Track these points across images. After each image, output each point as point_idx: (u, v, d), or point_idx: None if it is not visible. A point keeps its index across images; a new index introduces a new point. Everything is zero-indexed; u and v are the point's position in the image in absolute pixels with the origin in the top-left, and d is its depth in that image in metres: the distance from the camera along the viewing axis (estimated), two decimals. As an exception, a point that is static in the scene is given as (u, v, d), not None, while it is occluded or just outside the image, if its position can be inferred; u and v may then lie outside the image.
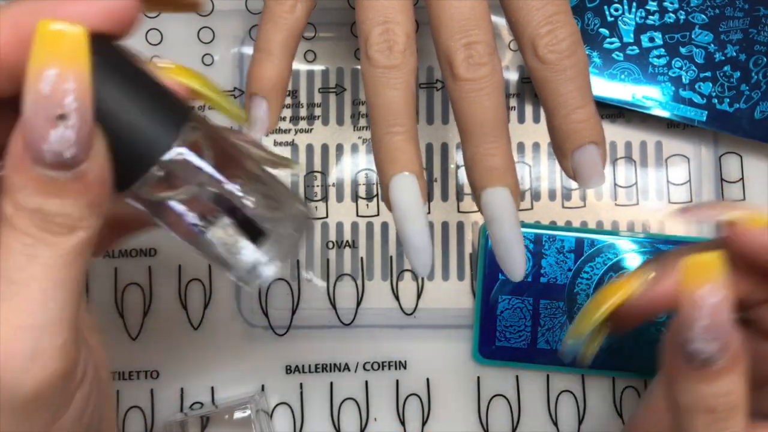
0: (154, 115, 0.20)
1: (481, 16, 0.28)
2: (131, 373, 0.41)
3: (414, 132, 0.29)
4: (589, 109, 0.29)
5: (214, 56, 0.42)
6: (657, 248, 0.40)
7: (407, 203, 0.28)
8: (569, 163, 0.29)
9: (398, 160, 0.28)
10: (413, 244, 0.28)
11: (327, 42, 0.42)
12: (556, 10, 0.28)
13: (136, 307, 0.41)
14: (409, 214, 0.28)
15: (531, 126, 0.42)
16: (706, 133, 0.42)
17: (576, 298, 0.40)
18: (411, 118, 0.29)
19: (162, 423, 0.41)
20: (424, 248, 0.28)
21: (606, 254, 0.40)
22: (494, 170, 0.28)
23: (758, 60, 0.40)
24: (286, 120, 0.42)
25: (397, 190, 0.28)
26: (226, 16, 0.42)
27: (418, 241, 0.28)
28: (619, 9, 0.41)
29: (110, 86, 0.20)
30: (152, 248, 0.41)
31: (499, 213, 0.28)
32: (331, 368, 0.41)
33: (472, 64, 0.28)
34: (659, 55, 0.40)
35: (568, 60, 0.28)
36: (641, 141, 0.42)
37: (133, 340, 0.41)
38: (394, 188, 0.28)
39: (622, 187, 0.42)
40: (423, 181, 0.29)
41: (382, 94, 0.28)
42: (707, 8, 0.40)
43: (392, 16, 0.29)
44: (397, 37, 0.28)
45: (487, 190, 0.28)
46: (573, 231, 0.41)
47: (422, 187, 0.29)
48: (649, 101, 0.40)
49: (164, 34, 0.42)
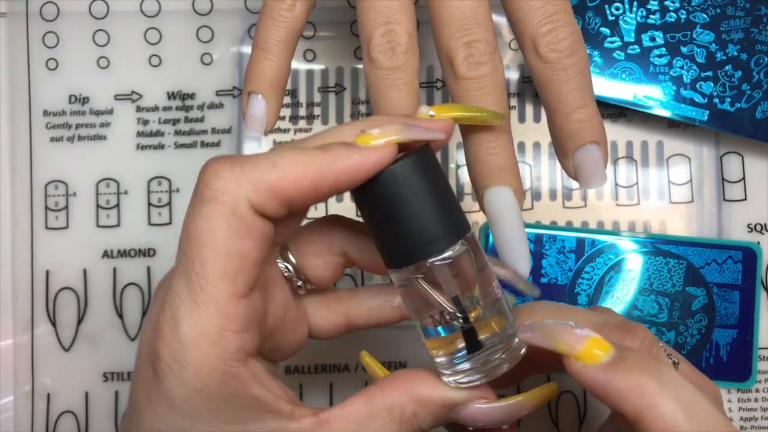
0: (444, 219, 0.24)
1: (482, 15, 0.28)
2: (130, 374, 0.41)
3: None
4: (590, 108, 0.28)
5: (213, 55, 0.42)
6: (658, 248, 0.40)
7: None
8: (570, 163, 0.29)
9: None
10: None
11: (326, 41, 0.42)
12: (556, 9, 0.28)
13: (135, 307, 0.41)
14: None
15: (532, 125, 0.42)
16: (708, 132, 0.42)
17: (577, 298, 0.40)
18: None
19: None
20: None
21: (607, 254, 0.40)
22: (497, 169, 0.28)
23: (759, 59, 0.40)
24: (285, 119, 0.42)
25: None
26: (225, 15, 0.42)
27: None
28: (620, 8, 0.40)
29: (422, 184, 0.24)
30: (151, 248, 0.41)
31: (502, 212, 0.28)
32: (330, 368, 0.41)
33: (473, 62, 0.28)
34: (660, 55, 0.40)
35: (569, 59, 0.28)
36: (642, 140, 0.42)
37: (132, 341, 0.41)
38: None
39: (623, 186, 0.42)
40: None
41: (387, 96, 0.29)
42: (708, 7, 0.40)
43: (394, 16, 0.29)
44: (399, 38, 0.28)
45: (489, 189, 0.28)
46: (574, 231, 0.40)
47: None
48: (651, 101, 0.40)
49: (163, 33, 0.42)
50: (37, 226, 0.41)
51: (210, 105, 0.42)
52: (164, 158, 0.41)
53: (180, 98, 0.42)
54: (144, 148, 0.41)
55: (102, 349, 0.41)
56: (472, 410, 0.26)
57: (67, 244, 0.41)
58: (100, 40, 0.42)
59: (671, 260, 0.40)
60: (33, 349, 0.40)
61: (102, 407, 0.40)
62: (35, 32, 0.41)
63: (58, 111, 0.41)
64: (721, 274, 0.40)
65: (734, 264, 0.40)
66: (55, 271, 0.41)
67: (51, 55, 0.41)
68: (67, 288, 0.41)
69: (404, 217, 0.24)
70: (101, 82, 0.41)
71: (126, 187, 0.41)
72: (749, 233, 0.42)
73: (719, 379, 0.40)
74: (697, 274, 0.40)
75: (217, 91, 0.42)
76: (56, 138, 0.41)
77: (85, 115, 0.41)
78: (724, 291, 0.40)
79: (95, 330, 0.41)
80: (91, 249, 0.41)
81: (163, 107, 0.41)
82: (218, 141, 0.41)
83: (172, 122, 0.41)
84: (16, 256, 0.41)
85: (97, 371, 0.41)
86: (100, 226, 0.41)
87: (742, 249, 0.40)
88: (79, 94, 0.41)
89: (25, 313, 0.41)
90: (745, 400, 0.41)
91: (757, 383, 0.41)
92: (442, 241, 0.24)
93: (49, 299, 0.41)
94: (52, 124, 0.41)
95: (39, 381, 0.40)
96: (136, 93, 0.42)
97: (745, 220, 0.42)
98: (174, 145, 0.41)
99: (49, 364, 0.40)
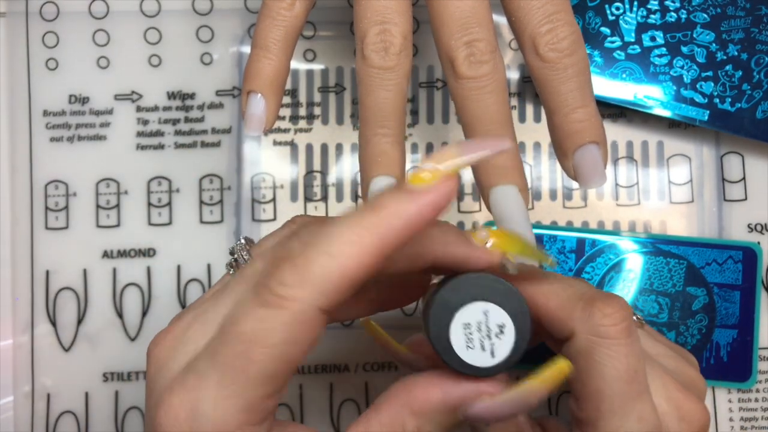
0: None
1: (482, 14, 0.28)
2: (130, 374, 0.41)
3: (401, 136, 0.30)
4: (590, 108, 0.28)
5: (213, 55, 0.42)
6: (658, 248, 0.40)
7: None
8: (570, 163, 0.29)
9: (381, 162, 0.29)
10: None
11: (326, 41, 0.42)
12: (556, 9, 0.28)
13: (135, 308, 0.41)
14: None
15: (532, 125, 0.42)
16: (708, 132, 0.42)
17: (577, 298, 0.40)
18: (400, 121, 0.29)
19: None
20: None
21: (607, 254, 0.40)
22: (501, 168, 0.28)
23: (760, 59, 0.40)
24: (285, 119, 0.42)
25: (375, 192, 0.29)
26: (225, 15, 0.42)
27: None
28: (620, 8, 0.40)
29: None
30: (151, 249, 0.41)
31: (508, 211, 0.28)
32: (330, 369, 0.41)
33: (473, 62, 0.28)
34: (661, 55, 0.40)
35: (568, 59, 0.28)
36: (643, 140, 0.42)
37: (132, 341, 0.41)
38: (373, 191, 0.29)
39: (623, 187, 0.42)
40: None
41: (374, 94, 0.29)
42: (709, 7, 0.40)
43: (390, 16, 0.29)
44: (393, 39, 0.29)
45: (494, 188, 0.28)
46: (574, 231, 0.40)
47: None
48: (651, 101, 0.40)
49: (163, 33, 0.42)
50: (37, 226, 0.41)
51: (210, 105, 0.42)
52: (164, 158, 0.41)
53: (180, 98, 0.42)
54: (144, 148, 0.41)
55: (102, 349, 0.41)
56: (477, 410, 0.24)
57: (67, 244, 0.41)
58: (100, 40, 0.42)
59: (671, 260, 0.40)
60: (33, 349, 0.40)
61: (102, 407, 0.40)
62: (35, 32, 0.41)
63: (58, 111, 0.41)
64: (721, 274, 0.40)
65: (735, 264, 0.40)
66: (55, 271, 0.41)
67: (51, 55, 0.41)
68: (67, 288, 0.41)
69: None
70: (101, 82, 0.41)
71: (126, 187, 0.41)
72: (749, 233, 0.41)
73: (719, 379, 0.40)
74: (698, 274, 0.40)
75: (217, 91, 0.42)
76: (56, 138, 0.41)
77: (85, 115, 0.41)
78: (724, 291, 0.40)
79: (95, 330, 0.41)
80: (91, 249, 0.41)
81: (163, 107, 0.41)
82: (218, 141, 0.41)
83: (172, 122, 0.41)
84: (16, 256, 0.41)
85: (97, 371, 0.41)
86: (100, 226, 0.41)
87: (743, 249, 0.40)
88: (79, 94, 0.41)
89: (25, 313, 0.41)
90: (746, 400, 0.41)
91: (758, 383, 0.41)
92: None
93: (49, 299, 0.41)
94: (52, 124, 0.41)
95: (39, 381, 0.40)
96: (136, 93, 0.42)
97: (746, 220, 0.42)
98: (174, 145, 0.41)
99: (49, 364, 0.40)
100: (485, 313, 0.24)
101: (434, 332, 0.24)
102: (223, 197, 0.41)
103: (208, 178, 0.41)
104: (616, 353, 0.24)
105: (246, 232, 0.41)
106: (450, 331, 0.24)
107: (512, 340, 0.24)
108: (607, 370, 0.24)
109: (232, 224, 0.41)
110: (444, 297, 0.24)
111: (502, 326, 0.24)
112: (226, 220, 0.41)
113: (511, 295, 0.24)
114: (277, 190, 0.41)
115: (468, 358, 0.24)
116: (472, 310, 0.24)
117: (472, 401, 0.24)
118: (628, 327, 0.25)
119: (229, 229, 0.41)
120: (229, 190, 0.41)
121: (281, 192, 0.41)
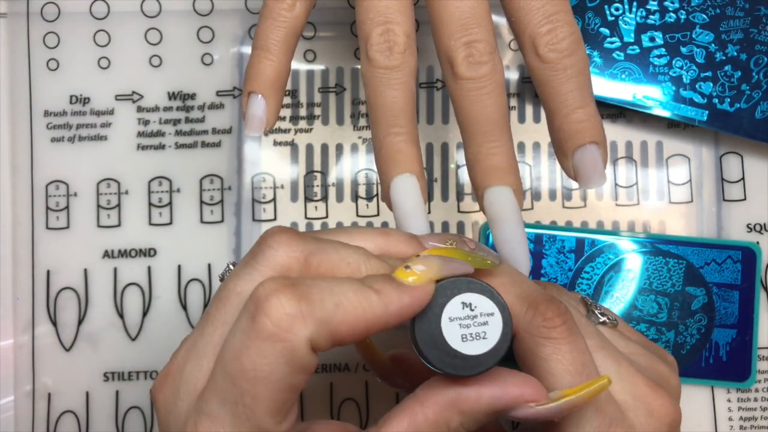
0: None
1: (482, 15, 0.28)
2: (131, 374, 0.41)
3: (414, 133, 0.29)
4: (589, 108, 0.28)
5: (214, 56, 0.42)
6: (657, 248, 0.40)
7: (409, 204, 0.29)
8: (570, 163, 0.29)
9: (399, 161, 0.29)
10: None
11: (327, 41, 0.42)
12: (556, 9, 0.28)
13: (136, 307, 0.41)
14: (411, 214, 0.29)
15: (531, 126, 0.42)
16: (707, 132, 0.42)
17: (576, 298, 0.40)
18: (411, 119, 0.29)
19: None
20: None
21: (607, 254, 0.40)
22: (496, 169, 0.28)
23: (759, 60, 0.40)
24: (285, 120, 0.42)
25: (398, 190, 0.29)
26: (225, 16, 0.42)
27: None
28: (619, 8, 0.40)
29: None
30: (152, 248, 0.41)
31: (502, 212, 0.28)
32: (331, 368, 0.41)
33: (472, 62, 0.28)
34: (660, 55, 0.40)
35: (568, 59, 0.28)
36: (642, 141, 0.42)
37: (132, 341, 0.41)
38: (396, 189, 0.29)
39: (622, 187, 0.42)
40: (424, 181, 0.29)
41: (383, 95, 0.29)
42: (708, 8, 0.40)
43: (392, 16, 0.29)
44: (397, 38, 0.28)
45: (489, 189, 0.28)
46: (574, 231, 0.40)
47: (423, 187, 0.29)
48: (650, 101, 0.40)
49: (164, 33, 0.42)
50: (38, 226, 0.41)
51: (210, 105, 0.42)
52: (165, 158, 0.41)
53: (180, 98, 0.42)
54: (144, 148, 0.41)
55: (103, 349, 0.41)
56: (527, 413, 0.25)
57: (67, 244, 0.41)
58: (101, 40, 0.42)
59: (671, 260, 0.40)
60: (34, 349, 0.40)
61: (102, 407, 0.41)
62: (36, 32, 0.42)
63: (58, 111, 0.41)
64: (720, 274, 0.40)
65: (734, 264, 0.40)
66: (56, 271, 0.41)
67: (52, 56, 0.42)
68: (67, 288, 0.41)
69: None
70: (102, 82, 0.42)
71: (126, 188, 0.41)
72: (749, 233, 0.42)
73: (718, 379, 0.40)
74: (697, 274, 0.40)
75: (218, 92, 0.42)
76: (57, 138, 0.41)
77: (85, 115, 0.41)
78: (723, 291, 0.40)
79: (96, 330, 0.41)
80: (92, 249, 0.41)
81: (164, 107, 0.42)
82: (219, 141, 0.42)
83: (172, 122, 0.42)
84: (17, 256, 0.41)
85: (97, 371, 0.41)
86: (100, 226, 0.41)
87: (742, 249, 0.40)
88: (80, 95, 0.41)
89: (25, 313, 0.41)
90: (745, 400, 0.41)
91: (757, 383, 0.41)
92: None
93: (49, 299, 0.41)
94: (53, 125, 0.41)
95: (40, 381, 0.40)
96: (137, 93, 0.42)
97: (745, 220, 0.42)
98: (174, 145, 0.41)
99: (50, 364, 0.40)
100: (469, 305, 0.25)
101: (427, 334, 0.25)
102: (223, 197, 0.41)
103: (208, 178, 0.41)
104: (559, 350, 0.25)
105: (246, 232, 0.41)
106: (442, 328, 0.24)
107: (500, 323, 0.24)
108: (553, 365, 0.25)
109: (232, 224, 0.41)
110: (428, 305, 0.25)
111: (490, 313, 0.24)
112: (227, 220, 0.41)
113: (482, 286, 0.25)
114: (278, 190, 0.42)
115: (465, 350, 0.24)
116: (455, 304, 0.25)
117: (518, 405, 0.25)
118: (569, 327, 0.25)
119: (230, 229, 0.41)
120: (230, 190, 0.41)
121: (281, 192, 0.42)
